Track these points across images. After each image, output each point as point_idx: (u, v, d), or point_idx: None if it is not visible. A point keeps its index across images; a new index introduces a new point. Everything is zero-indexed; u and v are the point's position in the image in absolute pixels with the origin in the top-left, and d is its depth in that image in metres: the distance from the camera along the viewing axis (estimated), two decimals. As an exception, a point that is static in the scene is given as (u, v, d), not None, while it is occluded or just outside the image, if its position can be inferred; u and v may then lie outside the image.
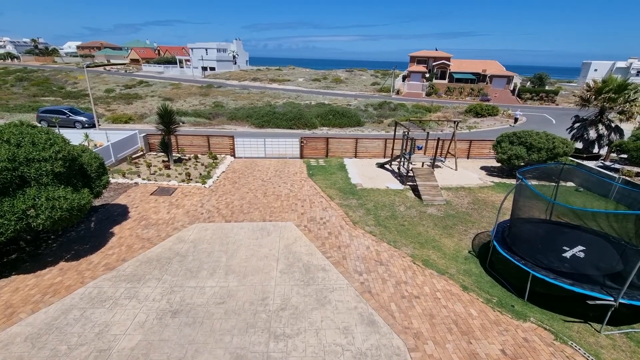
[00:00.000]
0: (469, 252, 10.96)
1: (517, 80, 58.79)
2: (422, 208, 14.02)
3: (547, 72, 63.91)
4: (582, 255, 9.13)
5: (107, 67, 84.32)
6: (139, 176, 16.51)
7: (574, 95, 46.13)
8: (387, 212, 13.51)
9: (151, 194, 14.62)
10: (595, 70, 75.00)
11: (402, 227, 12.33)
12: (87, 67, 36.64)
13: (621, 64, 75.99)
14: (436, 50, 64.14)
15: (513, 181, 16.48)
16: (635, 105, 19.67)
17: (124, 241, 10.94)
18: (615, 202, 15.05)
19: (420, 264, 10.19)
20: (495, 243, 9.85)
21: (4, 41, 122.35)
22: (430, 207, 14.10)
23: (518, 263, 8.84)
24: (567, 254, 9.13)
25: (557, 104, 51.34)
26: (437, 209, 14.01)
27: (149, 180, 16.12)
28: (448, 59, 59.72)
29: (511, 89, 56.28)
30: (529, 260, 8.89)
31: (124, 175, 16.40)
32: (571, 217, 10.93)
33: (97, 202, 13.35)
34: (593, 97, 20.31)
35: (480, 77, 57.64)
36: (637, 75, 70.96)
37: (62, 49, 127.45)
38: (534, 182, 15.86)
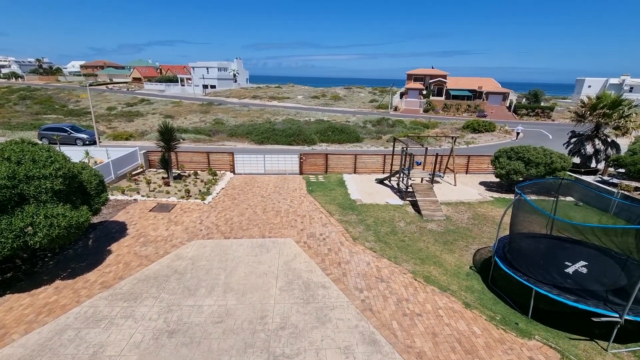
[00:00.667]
0: (471, 268, 10.85)
1: (513, 96, 59.84)
2: (422, 223, 13.96)
3: (541, 88, 65.12)
4: (584, 270, 9.04)
5: (110, 86, 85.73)
6: (138, 193, 16.50)
7: (569, 111, 46.81)
8: (387, 228, 13.44)
9: (150, 211, 14.57)
10: (589, 86, 76.49)
11: (403, 243, 12.24)
12: (90, 85, 37.25)
13: (614, 80, 77.62)
14: (432, 68, 65.58)
15: (512, 196, 16.50)
16: (630, 120, 19.96)
17: (121, 259, 10.81)
18: (615, 217, 15.03)
19: (422, 280, 10.06)
20: (496, 259, 9.77)
21: (9, 61, 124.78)
22: (431, 223, 14.04)
23: (520, 279, 8.74)
24: (570, 270, 9.03)
25: (553, 120, 52.04)
26: (437, 224, 13.95)
27: (148, 196, 16.10)
28: (444, 76, 60.97)
29: (507, 105, 57.19)
30: (531, 276, 8.79)
31: (123, 192, 16.39)
32: (572, 232, 10.88)
33: (95, 219, 13.28)
34: (588, 112, 20.64)
35: (476, 94, 58.68)
36: (630, 91, 72.34)
37: (66, 68, 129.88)
38: (533, 197, 15.87)
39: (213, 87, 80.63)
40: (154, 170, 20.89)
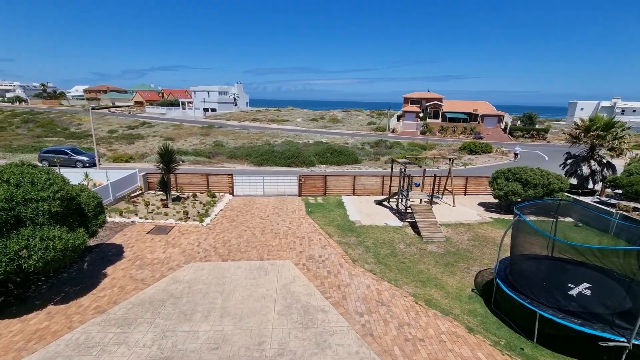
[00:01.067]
0: (473, 290, 10.65)
1: (508, 119, 61.06)
2: (422, 245, 13.84)
3: (535, 111, 66.54)
4: (588, 292, 8.89)
5: (112, 109, 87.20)
6: (136, 215, 16.40)
7: (563, 133, 47.69)
8: (387, 250, 13.30)
9: (147, 233, 14.42)
10: (582, 109, 78.32)
11: (403, 265, 12.08)
12: (93, 109, 37.90)
13: (606, 103, 79.59)
14: (428, 91, 67.27)
15: (511, 217, 16.47)
16: (624, 142, 20.31)
17: (116, 282, 10.59)
18: (615, 237, 14.95)
19: (423, 304, 9.84)
20: (498, 281, 9.62)
21: (14, 85, 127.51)
22: (430, 244, 13.91)
23: (524, 302, 8.57)
24: (573, 292, 8.89)
25: (548, 141, 52.84)
26: (437, 246, 13.83)
27: (146, 219, 15.99)
28: (440, 99, 62.43)
29: (502, 127, 58.24)
30: (534, 298, 8.63)
31: (121, 214, 16.29)
32: (573, 253, 10.79)
33: (92, 242, 13.11)
34: (582, 134, 21.02)
35: (472, 117, 59.87)
36: (622, 113, 74.02)
37: (70, 92, 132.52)
38: (532, 218, 15.80)
39: (214, 110, 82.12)
40: (153, 192, 20.87)
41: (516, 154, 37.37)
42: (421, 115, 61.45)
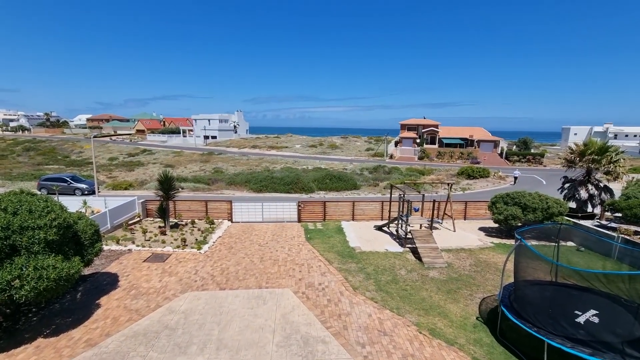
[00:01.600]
0: (477, 318, 10.34)
1: (504, 144, 62.08)
2: (424, 271, 13.59)
3: (529, 136, 67.79)
4: (596, 320, 8.64)
5: (113, 137, 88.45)
6: (133, 242, 16.18)
7: (559, 157, 48.26)
8: (388, 277, 13.04)
9: (144, 261, 14.16)
10: (575, 134, 79.99)
11: (405, 292, 11.79)
12: (94, 137, 38.45)
13: (598, 128, 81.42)
14: (424, 118, 68.85)
15: (513, 242, 16.32)
16: (619, 165, 20.55)
17: (110, 313, 10.26)
18: (618, 262, 14.74)
19: (427, 333, 9.52)
20: (503, 308, 9.37)
21: (18, 115, 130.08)
22: (432, 270, 13.67)
23: (530, 330, 8.31)
24: (581, 319, 8.64)
25: (544, 166, 53.39)
26: (439, 272, 13.58)
27: (144, 246, 15.76)
28: (436, 125, 63.76)
29: (499, 152, 59.06)
30: (540, 326, 8.37)
31: (118, 242, 16.07)
32: (577, 279, 10.60)
33: (87, 271, 12.84)
34: (578, 159, 21.30)
35: (468, 142, 60.88)
36: (615, 138, 75.47)
37: (73, 121, 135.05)
38: (533, 242, 15.67)
39: (214, 137, 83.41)
40: (151, 219, 20.72)
41: (515, 178, 37.97)
42: (418, 141, 62.48)
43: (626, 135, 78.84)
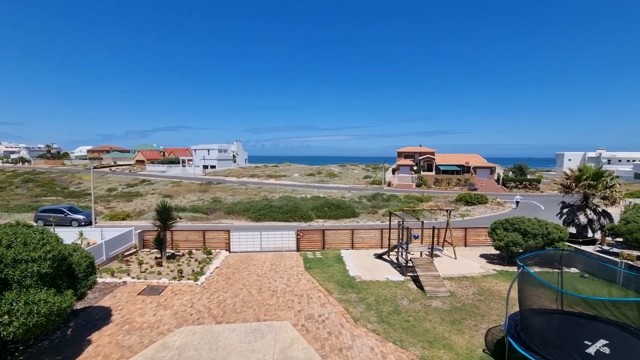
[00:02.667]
0: (484, 351, 9.95)
1: (500, 170, 62.76)
2: (426, 301, 13.23)
3: (523, 162, 68.73)
4: (607, 350, 8.34)
5: (113, 168, 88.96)
6: (128, 274, 15.81)
7: (555, 183, 48.67)
8: (390, 307, 12.67)
9: (139, 294, 13.76)
10: (569, 160, 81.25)
11: (407, 324, 11.41)
12: (94, 168, 38.73)
13: (591, 153, 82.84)
14: (420, 146, 70.08)
15: (515, 269, 16.05)
16: (615, 190, 20.70)
17: (101, 350, 9.82)
18: (624, 288, 14.45)
19: (432, 367, 9.11)
20: (510, 339, 9.05)
21: (19, 147, 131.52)
22: (435, 300, 13.31)
23: (539, 362, 7.97)
24: (591, 350, 8.34)
25: (541, 191, 53.64)
26: (441, 301, 13.23)
27: (139, 278, 15.39)
28: (432, 153, 64.73)
29: (495, 178, 59.57)
30: (550, 358, 8.05)
31: (112, 274, 15.70)
32: (584, 306, 10.35)
33: (79, 305, 12.41)
34: (574, 184, 21.49)
35: (464, 169, 61.56)
36: (608, 163, 76.59)
37: (73, 153, 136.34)
38: (536, 269, 15.42)
39: (213, 167, 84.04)
40: (148, 250, 20.39)
41: (517, 202, 38.68)
42: (415, 168, 63.14)
43: (619, 160, 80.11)
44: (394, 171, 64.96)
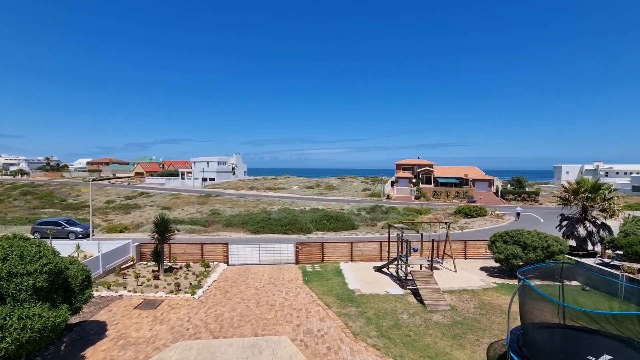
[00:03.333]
0: (486, 366, 9.75)
1: (498, 183, 62.93)
2: (427, 315, 13.05)
3: (521, 174, 69.00)
4: (611, 365, 8.19)
5: (112, 180, 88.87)
6: (125, 288, 15.60)
7: (553, 196, 48.73)
8: (390, 321, 12.48)
9: (135, 308, 13.55)
10: (567, 172, 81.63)
11: (408, 338, 11.22)
12: (93, 180, 38.67)
13: (589, 166, 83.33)
14: (419, 158, 70.41)
15: (516, 282, 15.90)
16: (613, 203, 20.74)
17: (94, 367, 9.58)
18: (626, 302, 14.30)
19: (434, 384, 8.91)
20: (512, 355, 8.91)
21: (19, 160, 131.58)
22: (435, 314, 13.14)
23: (542, 378, 7.82)
24: (595, 365, 8.19)
25: (540, 204, 53.69)
26: (442, 315, 13.05)
27: (135, 292, 15.17)
28: (431, 165, 65.02)
29: (494, 191, 59.66)
30: (553, 374, 7.89)
31: (109, 288, 15.49)
32: (587, 320, 10.21)
33: (74, 319, 12.18)
34: (572, 197, 21.53)
35: (463, 181, 61.71)
36: (605, 175, 77.00)
37: (73, 165, 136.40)
38: (536, 282, 15.28)
39: (212, 179, 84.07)
40: (145, 262, 20.18)
41: (518, 214, 39.50)
42: (414, 180, 63.28)
43: (617, 173, 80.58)
44: (392, 184, 65.06)
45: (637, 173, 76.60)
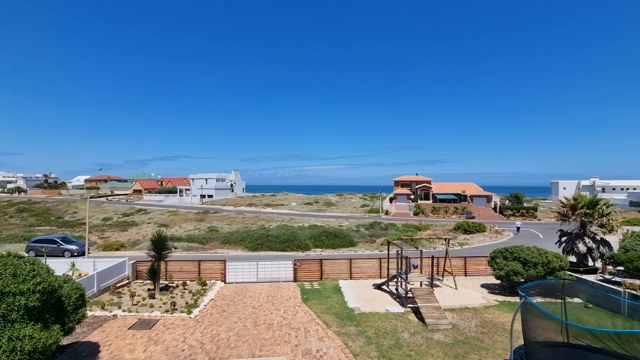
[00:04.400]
0: (490, 388, 9.47)
1: (496, 199, 63.03)
2: (428, 334, 12.77)
3: (519, 191, 69.22)
4: (617, 386, 7.98)
5: (109, 197, 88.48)
6: (119, 307, 15.26)
7: (552, 211, 48.75)
8: (390, 340, 12.20)
9: (129, 328, 13.21)
10: (564, 188, 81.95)
11: (409, 359, 10.94)
12: (90, 197, 38.54)
13: (585, 182, 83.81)
14: (417, 175, 70.75)
15: (517, 299, 15.68)
16: (612, 218, 20.76)
17: (85, 391, 9.25)
18: (629, 319, 14.07)
19: (436, 407, 8.62)
20: (516, 374, 8.67)
21: (17, 177, 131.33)
22: (437, 333, 12.86)
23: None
24: (601, 386, 7.97)
25: (539, 219, 53.61)
26: (444, 334, 12.77)
27: (130, 311, 14.84)
28: (429, 182, 65.25)
29: (492, 206, 59.67)
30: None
31: (103, 307, 15.14)
32: (591, 339, 10.01)
33: (66, 340, 11.85)
34: (570, 212, 21.56)
35: (461, 197, 61.80)
36: (602, 191, 77.37)
37: (71, 182, 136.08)
38: (538, 299, 15.12)
39: (210, 196, 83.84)
40: (141, 281, 19.83)
41: (518, 228, 40.46)
42: (412, 197, 63.32)
43: (613, 189, 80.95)
44: (391, 200, 65.05)
45: (634, 189, 76.98)
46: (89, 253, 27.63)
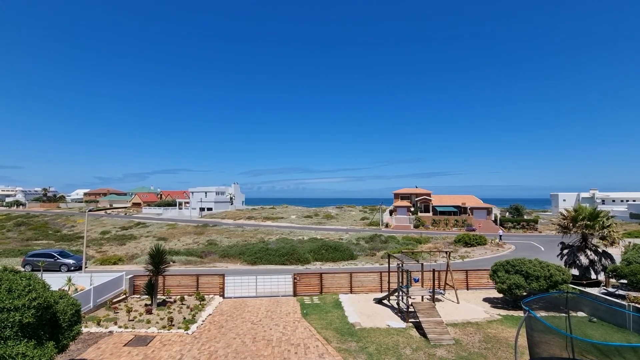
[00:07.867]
0: (495, 406, 9.20)
1: (496, 211, 62.83)
2: (431, 350, 12.50)
3: (519, 203, 69.05)
4: (626, 404, 7.76)
5: (108, 211, 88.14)
6: (115, 323, 14.96)
7: (552, 223, 48.56)
8: (392, 357, 11.93)
9: (125, 345, 12.92)
10: (564, 200, 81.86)
11: (412, 376, 10.66)
12: (89, 211, 38.36)
13: (585, 194, 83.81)
14: (416, 187, 70.73)
15: (521, 313, 15.42)
16: (613, 230, 20.65)
17: (78, 411, 8.97)
18: (635, 333, 13.81)
19: None
20: (521, 392, 8.44)
21: (16, 191, 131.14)
22: (439, 349, 12.59)
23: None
24: (608, 403, 7.76)
25: (539, 232, 53.30)
26: (447, 350, 12.50)
27: (126, 327, 14.54)
28: (429, 194, 65.18)
29: (492, 219, 59.43)
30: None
31: (98, 323, 14.85)
32: (597, 354, 9.80)
33: (60, 358, 11.58)
34: (571, 224, 21.46)
35: (461, 210, 61.58)
36: (602, 203, 77.27)
37: (70, 196, 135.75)
38: (542, 313, 14.86)
39: (210, 209, 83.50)
40: (138, 296, 19.52)
41: (500, 236, 42.99)
42: (412, 209, 63.12)
43: (613, 201, 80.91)
44: (391, 212, 64.83)
45: (634, 201, 76.96)
46: (86, 267, 27.30)
